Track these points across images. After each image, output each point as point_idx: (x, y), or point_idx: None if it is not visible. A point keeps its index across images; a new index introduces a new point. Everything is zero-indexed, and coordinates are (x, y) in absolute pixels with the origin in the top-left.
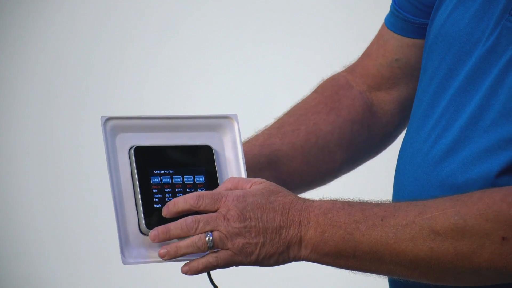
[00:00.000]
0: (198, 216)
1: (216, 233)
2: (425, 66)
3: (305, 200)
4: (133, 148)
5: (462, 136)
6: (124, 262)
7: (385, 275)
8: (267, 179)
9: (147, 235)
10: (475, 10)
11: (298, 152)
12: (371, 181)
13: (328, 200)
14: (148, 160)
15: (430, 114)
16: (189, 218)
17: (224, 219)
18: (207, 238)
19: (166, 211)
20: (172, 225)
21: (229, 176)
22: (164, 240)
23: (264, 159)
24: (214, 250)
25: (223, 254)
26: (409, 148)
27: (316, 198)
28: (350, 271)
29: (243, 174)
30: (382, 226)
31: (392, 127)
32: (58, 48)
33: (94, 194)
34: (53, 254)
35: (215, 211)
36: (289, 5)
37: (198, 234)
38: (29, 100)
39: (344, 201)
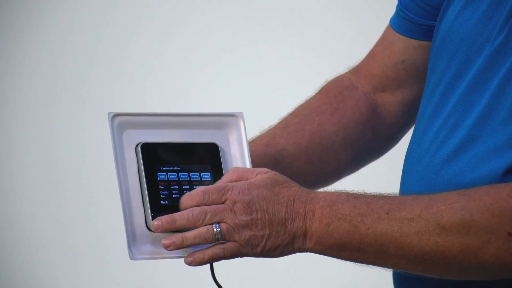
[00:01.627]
0: (205, 207)
1: (223, 225)
2: (433, 67)
3: (309, 192)
4: (140, 145)
5: (470, 135)
6: (131, 258)
7: (390, 268)
8: None
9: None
10: (483, 11)
11: (303, 152)
12: (375, 182)
13: (333, 192)
14: (155, 157)
15: (438, 114)
16: (196, 209)
17: (231, 211)
18: (215, 230)
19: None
20: (177, 215)
21: None
22: (167, 230)
23: (268, 158)
24: (221, 242)
25: (229, 246)
26: (417, 148)
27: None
28: (354, 263)
29: None
30: (388, 220)
31: (396, 129)
32: (60, 45)
33: (93, 193)
34: (53, 254)
35: (222, 203)
36: (295, 5)
37: (205, 225)
38: (30, 98)
39: (349, 193)
